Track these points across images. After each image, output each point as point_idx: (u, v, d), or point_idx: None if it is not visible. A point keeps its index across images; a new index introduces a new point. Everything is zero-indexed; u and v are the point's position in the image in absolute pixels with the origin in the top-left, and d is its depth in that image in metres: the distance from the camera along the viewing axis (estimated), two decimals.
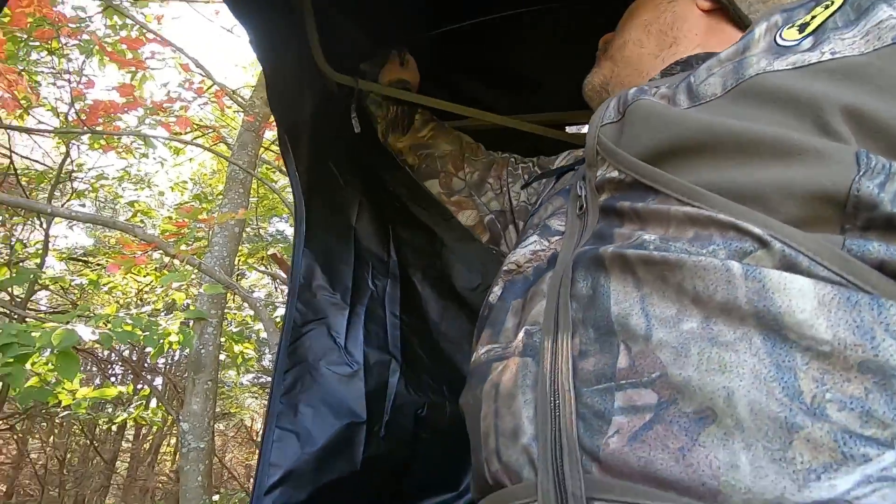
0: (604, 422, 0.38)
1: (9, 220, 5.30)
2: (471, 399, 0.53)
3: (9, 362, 2.16)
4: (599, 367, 0.40)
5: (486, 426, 0.48)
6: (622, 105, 0.53)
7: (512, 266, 0.60)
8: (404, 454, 1.14)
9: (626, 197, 0.47)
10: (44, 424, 7.08)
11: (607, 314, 0.41)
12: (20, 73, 3.86)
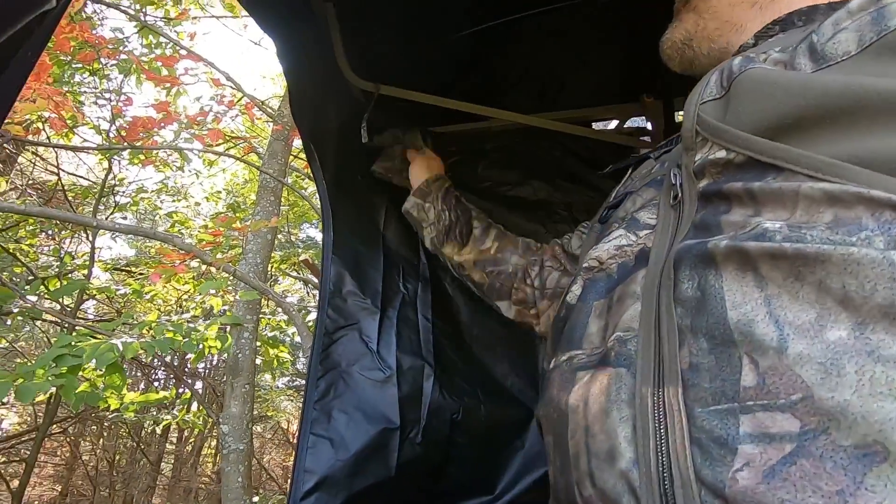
0: (727, 450, 0.32)
1: (58, 233, 5.59)
2: (552, 412, 0.48)
3: (62, 372, 2.28)
4: (717, 384, 0.34)
5: (575, 444, 0.43)
6: (726, 78, 0.46)
7: (593, 263, 0.54)
8: (439, 459, 1.14)
9: (736, 177, 0.41)
10: (94, 428, 7.43)
11: (723, 320, 0.35)
12: (65, 94, 4.06)
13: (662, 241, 0.46)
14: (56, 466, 7.86)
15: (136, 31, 4.38)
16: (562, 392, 0.46)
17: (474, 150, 1.47)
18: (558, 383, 0.48)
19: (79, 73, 4.39)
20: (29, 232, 5.18)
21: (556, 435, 0.46)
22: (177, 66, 4.28)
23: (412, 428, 1.08)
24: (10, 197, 5.25)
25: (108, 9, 4.58)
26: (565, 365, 0.48)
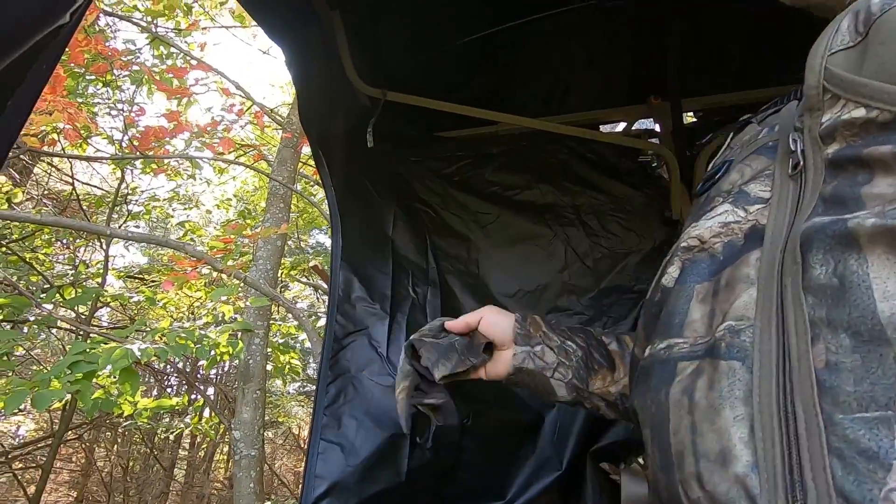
0: (877, 465, 0.28)
1: (72, 242, 5.68)
2: (649, 404, 0.44)
3: (77, 379, 2.31)
4: (865, 387, 0.30)
5: (679, 442, 0.39)
6: (863, 22, 0.39)
7: (693, 242, 0.48)
8: (450, 464, 1.13)
9: (879, 139, 0.35)
10: (108, 434, 7.51)
11: (871, 314, 0.31)
12: (79, 105, 4.14)
13: (780, 218, 0.41)
14: (71, 472, 7.96)
15: (147, 43, 4.46)
16: (660, 383, 0.42)
17: (481, 154, 1.48)
18: (657, 374, 0.44)
19: (92, 85, 4.48)
20: (45, 241, 5.27)
21: (654, 429, 0.42)
22: (187, 76, 4.34)
23: (422, 433, 1.08)
24: (27, 207, 5.36)
25: (120, 21, 4.67)
26: (663, 353, 0.44)
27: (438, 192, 1.44)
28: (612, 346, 0.75)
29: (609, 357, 0.75)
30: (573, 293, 1.34)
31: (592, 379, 0.73)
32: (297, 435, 9.90)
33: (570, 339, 0.75)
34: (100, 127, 4.65)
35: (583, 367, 0.73)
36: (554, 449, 1.15)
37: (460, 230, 1.43)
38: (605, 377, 0.73)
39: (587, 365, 0.73)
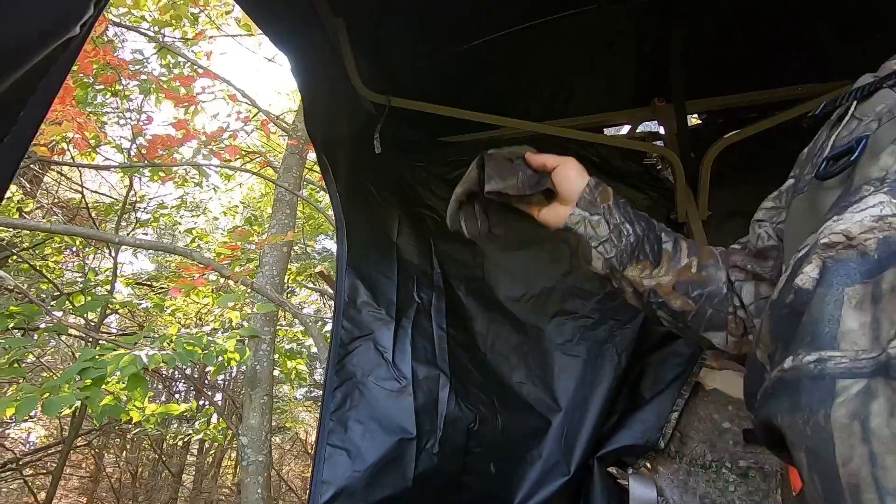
0: None
1: (82, 250, 5.74)
2: (803, 425, 0.39)
3: (87, 385, 2.33)
4: None
5: (852, 474, 0.34)
6: None
7: (837, 238, 0.43)
8: (456, 469, 1.13)
9: None
10: (117, 440, 7.55)
11: None
12: (88, 115, 4.20)
13: None
14: (81, 479, 8.00)
15: (155, 52, 4.52)
16: (816, 403, 0.38)
17: None
18: (807, 391, 0.39)
19: (101, 95, 4.54)
20: (55, 249, 5.33)
21: (813, 454, 0.38)
22: (194, 84, 4.39)
23: (428, 438, 1.08)
24: (37, 215, 5.42)
25: (128, 31, 4.73)
26: (814, 368, 0.39)
27: (443, 197, 1.45)
28: (667, 245, 0.75)
29: (658, 254, 0.74)
30: (579, 296, 1.33)
31: (632, 265, 0.74)
32: (304, 440, 9.90)
33: (630, 222, 0.75)
34: (108, 136, 4.71)
35: (628, 252, 0.74)
36: (561, 453, 1.14)
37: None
38: (645, 269, 0.74)
39: (633, 252, 0.74)
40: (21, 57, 0.36)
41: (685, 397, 1.18)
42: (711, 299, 0.73)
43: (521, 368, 1.27)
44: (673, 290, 0.74)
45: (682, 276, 0.74)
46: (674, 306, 0.74)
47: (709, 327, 0.73)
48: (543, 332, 1.32)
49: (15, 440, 6.86)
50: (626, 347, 1.23)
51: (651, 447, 1.15)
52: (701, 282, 0.74)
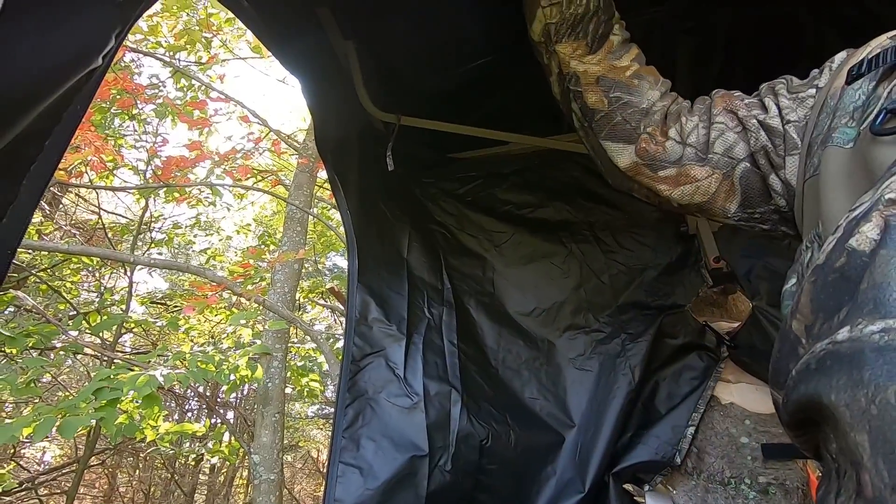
0: None
1: (98, 270, 5.83)
2: (865, 403, 0.35)
3: (102, 405, 2.35)
4: None
5: None
6: None
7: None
8: (469, 487, 1.12)
9: None
10: (130, 459, 7.57)
11: None
12: (106, 138, 4.31)
13: None
14: (94, 498, 8.00)
15: (170, 76, 4.65)
16: (883, 378, 0.34)
17: (494, 174, 1.49)
18: (870, 365, 0.35)
19: (119, 119, 4.67)
20: (72, 269, 5.43)
21: (879, 435, 0.34)
22: (208, 107, 4.50)
23: (441, 455, 1.07)
24: (55, 236, 5.54)
25: (144, 56, 4.88)
26: (879, 339, 0.35)
27: (452, 213, 1.46)
28: (616, 38, 0.72)
29: (600, 40, 0.71)
30: (590, 310, 1.33)
31: (564, 40, 0.71)
32: (316, 459, 9.83)
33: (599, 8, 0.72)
34: (125, 159, 4.82)
35: (569, 23, 0.70)
36: (576, 470, 1.13)
37: (475, 249, 1.44)
38: (578, 49, 0.71)
39: (573, 26, 0.70)
40: (47, 88, 0.38)
41: (701, 412, 1.16)
42: (627, 108, 0.70)
43: (532, 384, 1.27)
44: (596, 82, 0.70)
45: (611, 73, 0.70)
46: (588, 100, 0.71)
47: (613, 136, 0.70)
48: (555, 346, 1.31)
49: (30, 459, 6.91)
50: (639, 361, 1.21)
51: (667, 463, 1.13)
52: (626, 88, 0.70)
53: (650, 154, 0.69)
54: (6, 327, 3.14)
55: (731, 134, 0.66)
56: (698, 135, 0.68)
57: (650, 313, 1.29)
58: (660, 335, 1.24)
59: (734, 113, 0.67)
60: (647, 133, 0.69)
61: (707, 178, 0.67)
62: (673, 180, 0.69)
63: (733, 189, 0.67)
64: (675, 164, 0.69)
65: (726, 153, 0.66)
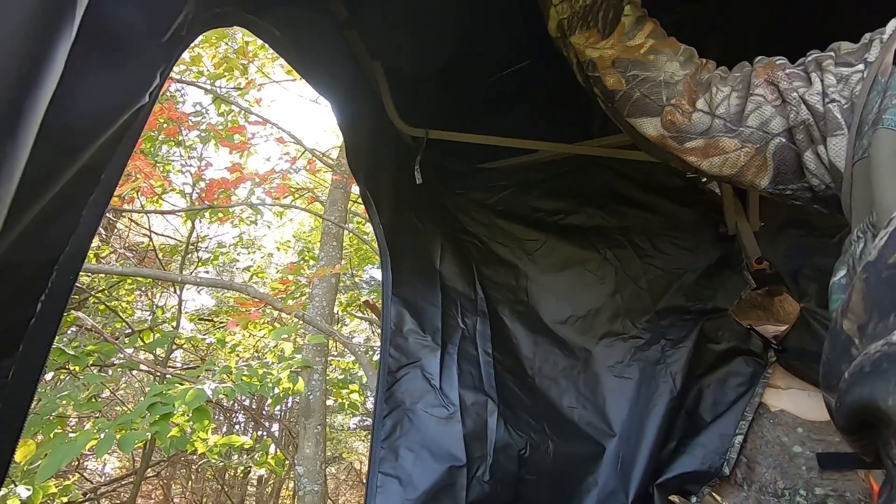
0: None
1: (150, 289, 6.15)
2: None
3: (156, 420, 2.47)
4: None
5: None
6: None
7: None
8: (509, 498, 1.11)
9: None
10: (183, 471, 7.86)
11: None
12: (154, 164, 4.57)
13: None
14: None
15: (211, 102, 4.89)
16: None
17: (524, 182, 1.49)
18: None
19: (166, 146, 4.94)
20: (127, 290, 5.75)
21: None
22: (246, 130, 4.70)
23: (479, 465, 1.07)
24: (111, 259, 5.89)
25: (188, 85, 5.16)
26: None
27: (483, 223, 1.47)
28: (630, 19, 0.71)
29: (612, 24, 0.70)
30: (627, 317, 1.30)
31: (576, 31, 0.72)
32: (359, 470, 9.92)
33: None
34: (172, 183, 5.09)
35: (579, 15, 0.71)
36: (618, 481, 1.10)
37: (507, 258, 1.44)
38: (591, 37, 0.71)
39: (584, 16, 0.71)
40: (101, 127, 0.42)
41: (749, 419, 1.11)
42: (646, 84, 0.69)
43: (570, 392, 1.25)
44: (611, 65, 0.71)
45: (626, 53, 0.70)
46: (606, 83, 0.72)
47: (633, 113, 0.70)
48: (592, 354, 1.29)
49: (92, 471, 7.29)
50: (680, 368, 1.18)
51: (715, 473, 1.08)
52: (643, 65, 0.70)
53: (676, 125, 0.68)
54: (69, 346, 3.35)
55: (769, 108, 0.64)
56: (729, 105, 0.66)
57: (690, 318, 1.25)
58: (702, 340, 1.20)
59: (775, 85, 0.64)
60: (672, 105, 0.69)
61: (736, 151, 0.66)
62: (701, 151, 0.68)
63: (765, 164, 0.65)
64: (703, 135, 0.67)
65: (761, 127, 0.64)
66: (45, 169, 0.36)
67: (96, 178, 0.43)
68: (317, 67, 1.02)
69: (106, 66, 0.42)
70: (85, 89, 0.40)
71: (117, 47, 0.43)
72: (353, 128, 1.19)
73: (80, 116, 0.39)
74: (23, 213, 0.34)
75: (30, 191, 0.33)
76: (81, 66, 0.38)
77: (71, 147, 0.38)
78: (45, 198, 0.36)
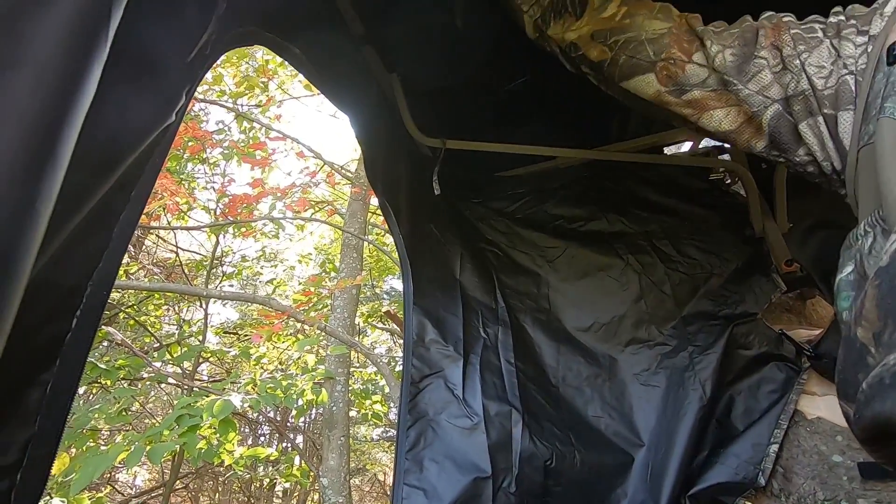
0: None
1: (177, 304, 6.29)
2: None
3: (184, 432, 2.52)
4: None
5: None
6: None
7: None
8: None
9: None
10: (210, 483, 7.96)
11: None
12: (180, 181, 4.70)
13: None
14: None
15: (233, 120, 5.03)
16: None
17: (543, 189, 1.49)
18: None
19: (191, 163, 5.09)
20: (155, 305, 5.89)
21: None
22: (267, 146, 4.81)
23: (504, 476, 1.06)
24: (139, 276, 6.05)
25: (210, 104, 5.31)
26: None
27: (503, 231, 1.46)
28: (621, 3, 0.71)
29: (582, 3, 0.72)
30: (652, 323, 1.28)
31: (552, 24, 0.74)
32: (382, 482, 9.88)
33: None
34: (197, 199, 5.23)
35: (549, 9, 0.74)
36: (648, 492, 1.07)
37: (528, 266, 1.43)
38: (565, 24, 0.73)
39: (554, 8, 0.73)
40: (131, 147, 0.43)
41: (784, 428, 1.07)
42: (629, 45, 0.68)
43: (596, 401, 1.22)
44: (591, 39, 0.71)
45: (601, 25, 0.70)
46: (591, 57, 0.71)
47: (625, 76, 0.69)
48: (617, 361, 1.27)
49: (123, 483, 7.43)
50: (710, 375, 1.15)
51: (749, 484, 1.05)
52: (621, 29, 0.69)
53: (672, 78, 0.67)
54: (101, 361, 3.45)
55: (769, 73, 0.62)
56: (725, 59, 0.64)
57: (718, 323, 1.22)
58: (731, 346, 1.17)
59: (779, 49, 0.62)
60: (663, 59, 0.67)
61: (735, 107, 0.64)
62: (699, 104, 0.66)
63: (761, 130, 0.63)
64: (700, 86, 0.66)
65: (761, 92, 0.62)
66: (80, 187, 0.37)
67: (127, 195, 0.44)
68: (335, 82, 1.04)
69: (135, 86, 0.43)
70: (117, 109, 0.42)
71: (146, 68, 0.45)
72: (371, 140, 1.20)
73: (113, 135, 0.40)
74: (60, 230, 0.35)
75: (66, 209, 0.35)
76: (113, 86, 0.39)
77: (104, 165, 0.40)
78: (80, 215, 0.37)
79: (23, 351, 0.36)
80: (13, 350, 0.28)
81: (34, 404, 0.37)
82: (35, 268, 0.31)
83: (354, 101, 1.12)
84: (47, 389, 0.38)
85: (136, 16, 0.38)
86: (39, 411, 0.37)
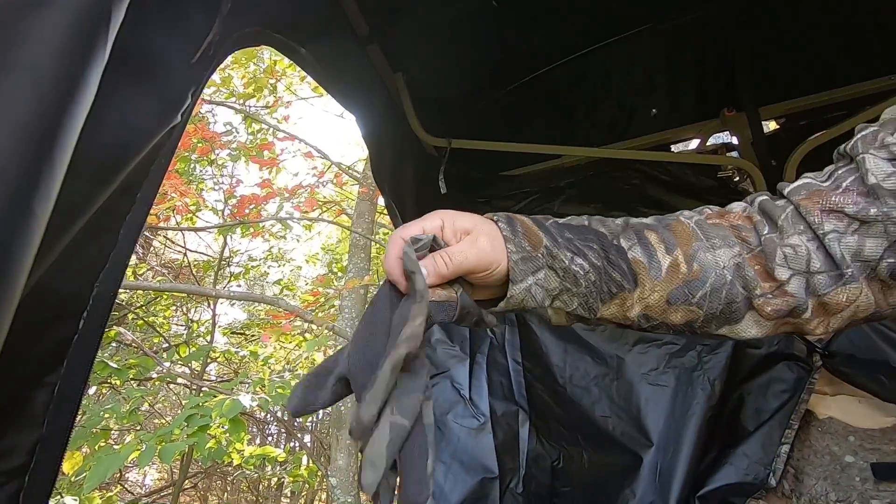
0: None
1: (186, 304, 6.34)
2: None
3: (193, 431, 2.54)
4: None
5: None
6: None
7: None
8: None
9: None
10: (219, 482, 8.02)
11: None
12: (188, 182, 4.74)
13: None
14: None
15: (241, 122, 5.06)
16: None
17: (549, 188, 1.48)
18: None
19: (199, 164, 5.13)
20: (164, 305, 5.94)
21: None
22: (275, 147, 4.84)
23: (511, 477, 1.05)
24: (148, 276, 6.11)
25: (218, 106, 5.35)
26: None
27: None
28: (634, 252, 0.54)
29: (630, 272, 0.54)
30: None
31: (606, 305, 0.55)
32: None
33: (578, 253, 0.54)
34: (205, 201, 5.26)
35: (593, 294, 0.54)
36: (657, 492, 1.06)
37: None
38: (624, 301, 0.54)
39: (599, 290, 0.54)
40: (136, 149, 0.43)
41: (795, 428, 1.05)
42: (717, 294, 0.54)
43: (603, 401, 1.22)
44: (668, 304, 0.55)
45: (674, 281, 0.54)
46: (676, 322, 0.56)
47: (721, 325, 0.55)
48: (625, 361, 1.26)
49: (133, 483, 7.51)
50: (719, 374, 1.14)
51: (760, 485, 1.03)
52: (694, 280, 0.54)
53: (779, 310, 0.54)
54: (112, 360, 3.48)
55: (852, 237, 0.52)
56: (810, 255, 0.53)
57: None
58: (740, 345, 1.16)
59: (841, 212, 0.53)
60: (757, 295, 0.54)
61: (855, 295, 0.53)
62: (820, 312, 0.54)
63: (887, 285, 0.52)
64: (811, 296, 0.54)
65: (856, 258, 0.52)
66: (84, 189, 0.37)
67: (133, 196, 0.44)
68: (341, 82, 1.04)
69: (138, 87, 0.43)
70: (121, 111, 0.42)
71: (148, 69, 0.45)
72: (377, 140, 1.20)
73: (118, 137, 0.41)
74: (65, 232, 0.35)
75: (70, 211, 0.35)
76: (116, 88, 0.39)
77: (109, 167, 0.40)
78: (85, 217, 0.37)
79: (28, 353, 0.36)
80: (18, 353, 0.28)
81: (41, 406, 0.37)
82: (40, 270, 0.32)
83: (361, 100, 1.13)
84: (54, 392, 0.38)
85: (139, 18, 0.38)
86: (46, 413, 0.37)
